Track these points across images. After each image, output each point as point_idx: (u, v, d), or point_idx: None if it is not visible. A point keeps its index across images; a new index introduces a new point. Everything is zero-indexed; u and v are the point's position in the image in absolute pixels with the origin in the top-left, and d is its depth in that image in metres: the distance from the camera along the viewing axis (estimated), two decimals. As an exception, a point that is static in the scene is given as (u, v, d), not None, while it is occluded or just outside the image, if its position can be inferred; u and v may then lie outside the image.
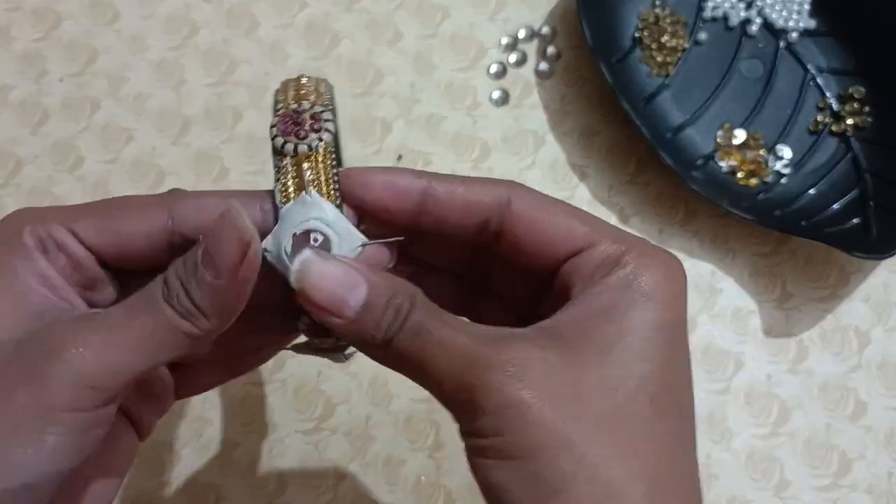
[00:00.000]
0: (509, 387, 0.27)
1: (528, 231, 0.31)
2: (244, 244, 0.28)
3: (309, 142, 0.30)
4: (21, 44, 0.60)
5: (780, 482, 0.52)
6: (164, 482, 0.52)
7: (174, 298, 0.28)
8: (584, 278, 0.30)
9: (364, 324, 0.29)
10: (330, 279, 0.29)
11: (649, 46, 0.60)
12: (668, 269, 0.30)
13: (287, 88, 0.32)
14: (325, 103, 0.31)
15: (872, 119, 0.58)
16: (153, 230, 0.31)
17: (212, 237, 0.28)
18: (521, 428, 0.27)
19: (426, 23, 0.61)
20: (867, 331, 0.55)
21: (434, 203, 0.31)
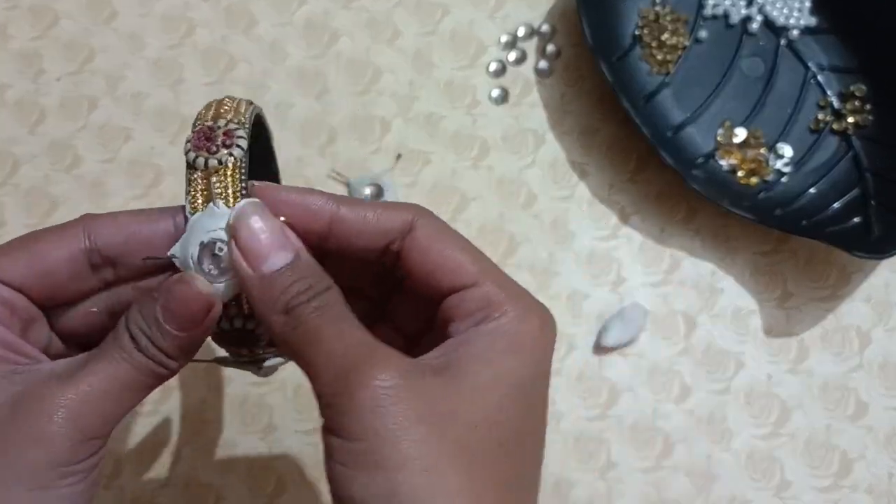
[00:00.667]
0: (385, 391, 0.28)
1: (421, 258, 0.32)
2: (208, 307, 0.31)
3: (219, 156, 0.31)
4: (18, 42, 0.60)
5: (780, 482, 0.52)
6: (164, 482, 0.52)
7: (144, 348, 0.30)
8: (462, 317, 0.31)
9: (273, 284, 0.30)
10: (260, 232, 0.30)
11: (649, 44, 0.59)
12: (543, 326, 0.32)
13: (209, 107, 0.33)
14: (240, 121, 0.32)
15: (874, 117, 0.57)
16: (73, 252, 0.32)
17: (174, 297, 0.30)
18: (388, 436, 0.28)
19: (425, 21, 0.61)
20: (868, 331, 0.55)
21: (341, 226, 0.32)
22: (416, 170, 0.58)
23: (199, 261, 0.31)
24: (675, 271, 0.56)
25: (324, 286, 0.30)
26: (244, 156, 0.32)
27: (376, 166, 0.58)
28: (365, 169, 0.57)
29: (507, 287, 0.32)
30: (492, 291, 0.31)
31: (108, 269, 0.33)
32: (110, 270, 0.33)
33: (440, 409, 0.29)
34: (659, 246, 0.56)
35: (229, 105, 0.33)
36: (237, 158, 0.31)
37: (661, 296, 0.55)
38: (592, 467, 0.52)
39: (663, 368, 0.54)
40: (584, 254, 0.56)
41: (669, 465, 0.53)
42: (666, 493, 0.52)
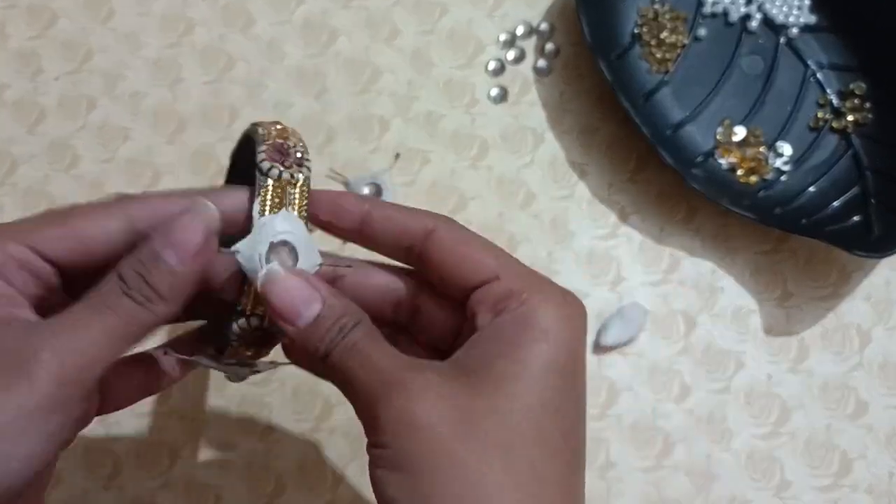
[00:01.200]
0: (407, 402, 0.30)
1: (443, 258, 0.34)
2: (208, 230, 0.32)
3: (292, 172, 0.34)
4: (16, 42, 0.60)
5: (780, 482, 0.52)
6: (163, 483, 0.52)
7: (134, 290, 0.31)
8: (487, 309, 0.33)
9: (310, 335, 0.32)
10: (291, 290, 0.32)
11: (649, 43, 0.59)
12: (568, 309, 0.33)
13: (268, 126, 0.36)
14: (305, 147, 0.36)
15: (873, 116, 0.57)
16: (112, 231, 0.33)
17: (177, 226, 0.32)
18: (410, 441, 0.30)
19: (424, 19, 0.61)
20: (868, 330, 0.55)
21: (371, 226, 0.36)
22: (415, 169, 0.58)
23: (267, 259, 0.33)
24: (675, 271, 0.56)
25: (353, 322, 0.32)
26: (309, 176, 0.35)
27: (375, 166, 0.57)
28: (364, 168, 0.57)
29: (528, 277, 0.34)
30: (514, 282, 0.33)
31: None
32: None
33: (469, 408, 0.30)
34: (658, 245, 0.56)
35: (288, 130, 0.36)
36: (306, 177, 0.35)
37: (661, 295, 0.55)
38: (592, 467, 0.52)
39: (663, 368, 0.54)
40: (583, 253, 0.56)
41: (669, 464, 0.53)
42: (666, 493, 0.52)
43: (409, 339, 0.38)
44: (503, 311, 0.32)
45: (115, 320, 0.31)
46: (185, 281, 0.32)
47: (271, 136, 0.35)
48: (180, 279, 0.32)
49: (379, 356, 0.32)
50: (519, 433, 0.30)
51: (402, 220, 0.35)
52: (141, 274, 0.31)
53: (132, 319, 0.31)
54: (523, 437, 0.31)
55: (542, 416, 0.31)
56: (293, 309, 0.32)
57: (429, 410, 0.30)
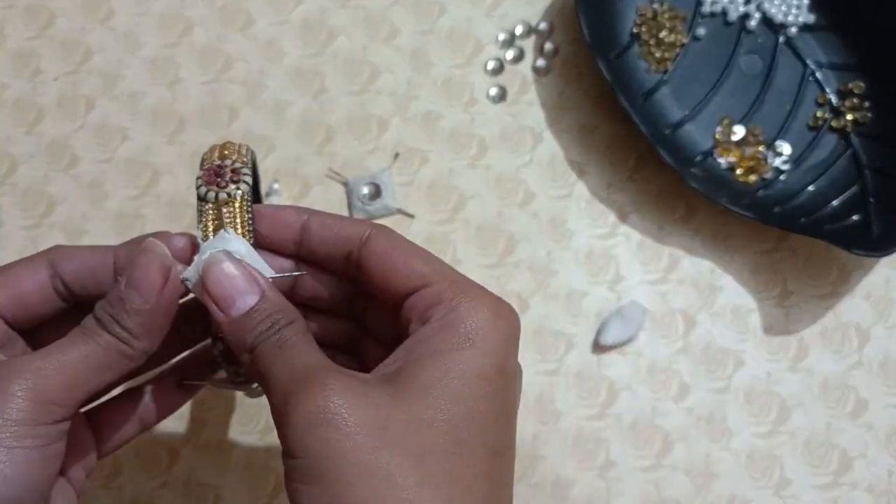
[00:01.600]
0: (321, 408, 0.29)
1: (377, 265, 0.34)
2: (166, 269, 0.33)
3: (228, 191, 0.35)
4: (14, 42, 0.60)
5: (780, 481, 0.52)
6: (163, 483, 0.52)
7: (109, 329, 0.32)
8: (418, 316, 0.33)
9: (241, 327, 0.32)
10: (229, 278, 0.33)
11: (647, 42, 0.59)
12: (498, 316, 0.32)
13: (213, 150, 0.37)
14: (244, 161, 0.37)
15: (872, 115, 0.57)
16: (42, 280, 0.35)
17: (135, 268, 0.33)
18: (322, 451, 0.29)
19: (422, 19, 0.61)
20: (868, 328, 0.55)
21: (309, 235, 0.36)
22: (414, 169, 0.57)
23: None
24: (674, 270, 0.56)
25: (286, 320, 0.32)
26: (249, 190, 0.36)
27: (374, 165, 0.57)
28: (363, 168, 0.57)
29: (459, 285, 0.33)
30: (443, 289, 0.33)
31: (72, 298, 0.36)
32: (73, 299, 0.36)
33: (388, 417, 0.29)
34: (658, 244, 0.56)
35: (232, 147, 0.37)
36: (244, 192, 0.36)
37: (660, 294, 0.55)
38: (591, 466, 0.52)
39: (662, 367, 0.54)
40: (582, 252, 0.56)
41: (669, 463, 0.53)
42: (665, 492, 0.52)
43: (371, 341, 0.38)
44: (431, 319, 0.32)
45: (93, 347, 0.32)
46: (154, 318, 0.33)
47: (212, 160, 0.37)
48: (148, 317, 0.33)
49: (304, 355, 0.32)
50: (437, 444, 0.30)
51: (339, 228, 0.36)
52: (112, 315, 0.32)
53: (110, 350, 0.32)
54: (442, 448, 0.30)
55: (463, 425, 0.30)
56: (229, 297, 0.33)
57: (346, 418, 0.29)
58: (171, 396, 0.40)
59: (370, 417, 0.29)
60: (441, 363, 0.31)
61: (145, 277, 0.32)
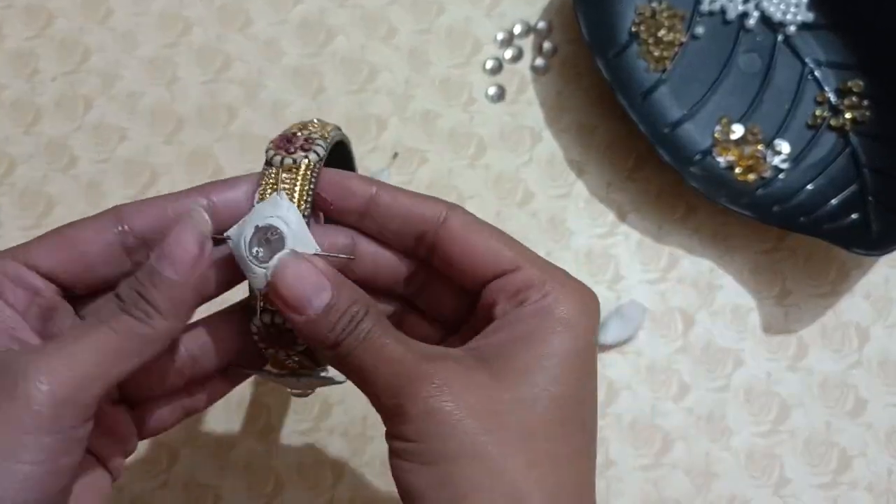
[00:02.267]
0: (433, 397, 0.30)
1: (459, 249, 0.34)
2: (203, 237, 0.31)
3: (295, 157, 0.33)
4: (13, 42, 0.60)
5: (779, 480, 0.52)
6: (163, 482, 0.52)
7: (131, 306, 0.31)
8: (507, 300, 0.33)
9: (320, 325, 0.31)
10: (301, 279, 0.31)
11: (646, 41, 0.59)
12: (585, 300, 0.33)
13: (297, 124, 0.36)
14: (322, 135, 0.35)
15: (871, 113, 0.57)
16: (107, 236, 0.33)
17: (169, 236, 0.31)
18: (438, 435, 0.30)
19: (421, 18, 0.61)
20: (867, 327, 0.55)
21: (377, 209, 0.34)
22: (413, 168, 0.57)
23: (250, 243, 0.32)
24: (674, 269, 0.56)
25: (363, 311, 0.32)
26: (319, 161, 0.34)
27: (373, 165, 0.57)
28: (362, 168, 0.57)
29: (547, 269, 0.34)
30: (533, 274, 0.33)
31: (143, 252, 0.34)
32: (144, 252, 0.34)
33: (492, 398, 0.31)
34: (657, 244, 0.56)
35: (316, 124, 0.36)
36: (311, 161, 0.33)
37: (660, 293, 0.55)
38: (591, 466, 0.52)
39: (662, 366, 0.54)
40: (581, 252, 0.56)
41: (668, 463, 0.53)
42: (665, 492, 0.52)
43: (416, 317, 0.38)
44: (524, 302, 0.32)
45: (110, 336, 0.30)
46: (184, 293, 0.31)
47: (291, 127, 0.35)
48: (179, 291, 0.31)
49: (394, 347, 0.32)
50: (542, 423, 0.31)
51: (413, 206, 0.34)
52: (138, 291, 0.31)
53: (130, 335, 0.30)
54: (546, 428, 0.31)
55: (564, 405, 0.32)
56: (301, 300, 0.31)
57: (456, 404, 0.30)
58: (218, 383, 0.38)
59: (478, 402, 0.30)
60: (538, 345, 0.32)
61: (181, 247, 0.31)
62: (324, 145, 0.34)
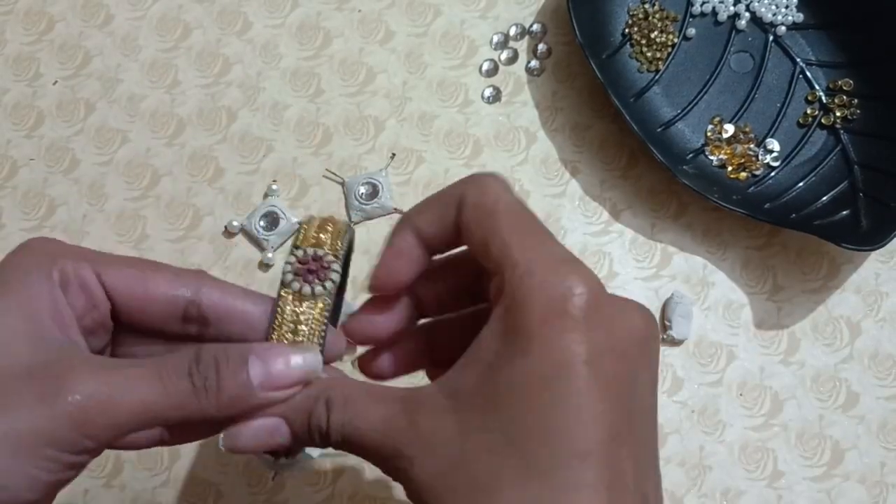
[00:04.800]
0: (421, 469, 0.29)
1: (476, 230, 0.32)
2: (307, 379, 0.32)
3: (312, 286, 0.34)
4: (14, 46, 0.60)
5: (773, 473, 0.53)
6: (164, 481, 0.52)
7: (199, 375, 0.30)
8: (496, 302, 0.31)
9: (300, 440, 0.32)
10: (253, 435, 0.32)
11: (639, 42, 0.60)
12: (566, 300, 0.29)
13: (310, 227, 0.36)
14: (336, 252, 0.35)
15: (861, 111, 0.58)
16: (178, 296, 0.33)
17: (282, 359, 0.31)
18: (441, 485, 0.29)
19: (417, 21, 0.62)
20: (858, 321, 0.56)
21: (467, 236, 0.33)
22: (410, 169, 0.58)
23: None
24: (667, 266, 0.57)
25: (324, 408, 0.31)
26: (333, 288, 0.34)
27: (371, 165, 0.58)
28: (360, 168, 0.58)
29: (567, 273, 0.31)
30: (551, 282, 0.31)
31: (195, 326, 0.34)
32: (196, 327, 0.34)
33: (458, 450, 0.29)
34: (650, 241, 0.57)
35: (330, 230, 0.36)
36: (327, 290, 0.34)
37: (653, 290, 0.56)
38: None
39: (656, 361, 0.55)
40: (576, 249, 0.57)
41: (663, 456, 0.53)
42: (660, 485, 0.53)
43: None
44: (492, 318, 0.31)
45: (160, 395, 0.30)
46: (248, 404, 0.31)
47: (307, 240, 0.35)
48: (246, 400, 0.31)
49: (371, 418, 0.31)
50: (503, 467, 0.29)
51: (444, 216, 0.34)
52: (218, 364, 0.31)
53: (177, 403, 0.30)
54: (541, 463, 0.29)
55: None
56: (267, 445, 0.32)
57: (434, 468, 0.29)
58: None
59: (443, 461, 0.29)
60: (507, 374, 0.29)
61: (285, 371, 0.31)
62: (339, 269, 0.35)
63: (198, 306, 0.33)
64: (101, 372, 0.30)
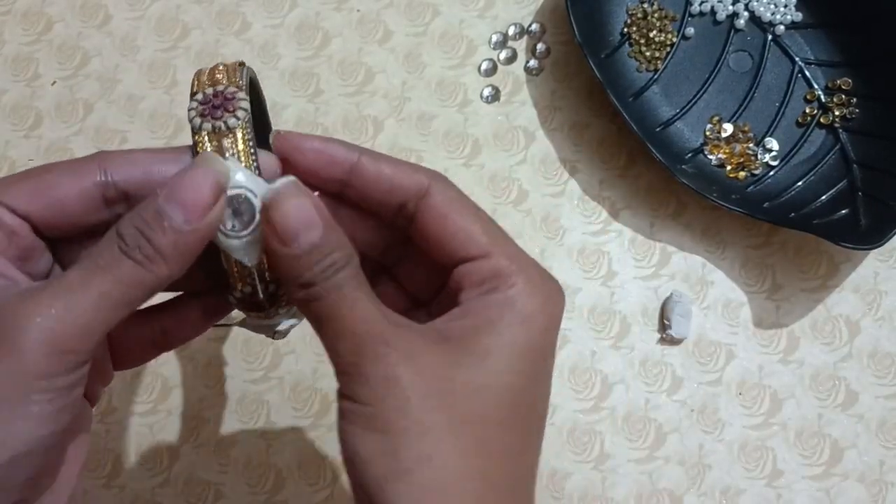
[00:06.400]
0: (395, 365, 0.30)
1: (434, 223, 0.33)
2: (220, 187, 0.30)
3: (225, 120, 0.32)
4: (12, 47, 0.60)
5: (772, 472, 0.53)
6: (163, 481, 0.52)
7: (134, 249, 0.29)
8: (472, 287, 0.32)
9: (301, 262, 0.30)
10: (297, 211, 0.30)
11: (638, 42, 0.60)
12: (549, 296, 0.33)
13: (202, 73, 0.34)
14: (238, 85, 0.33)
15: (860, 110, 0.58)
16: (86, 185, 0.32)
17: (185, 179, 0.30)
18: (393, 404, 0.30)
19: (416, 21, 0.62)
20: (857, 320, 0.56)
21: (360, 177, 0.33)
22: (409, 168, 0.58)
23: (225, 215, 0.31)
24: (666, 265, 0.57)
25: (345, 260, 0.31)
26: (247, 116, 0.32)
27: (369, 165, 0.58)
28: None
29: (517, 259, 0.33)
30: (502, 263, 0.32)
31: (122, 205, 0.33)
32: (124, 205, 0.33)
33: (448, 378, 0.30)
34: (649, 240, 0.57)
35: (223, 70, 0.34)
36: (242, 120, 0.32)
37: (652, 289, 0.56)
38: (587, 458, 0.53)
39: (655, 361, 0.55)
40: (575, 248, 0.57)
41: (662, 455, 0.53)
42: (659, 484, 0.53)
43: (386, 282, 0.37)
44: (490, 291, 0.32)
45: (112, 283, 0.29)
46: (190, 241, 0.30)
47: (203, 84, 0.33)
48: (186, 239, 0.29)
49: (365, 305, 0.31)
50: (492, 411, 0.31)
51: (397, 177, 0.33)
52: (143, 231, 0.29)
53: (131, 282, 0.29)
54: (495, 415, 0.31)
55: (515, 397, 0.32)
56: (293, 230, 0.30)
57: (415, 377, 0.30)
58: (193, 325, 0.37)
59: (435, 379, 0.30)
60: (497, 336, 0.31)
61: (196, 193, 0.29)
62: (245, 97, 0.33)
63: (113, 186, 0.32)
64: (45, 292, 0.29)
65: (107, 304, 0.29)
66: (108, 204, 0.32)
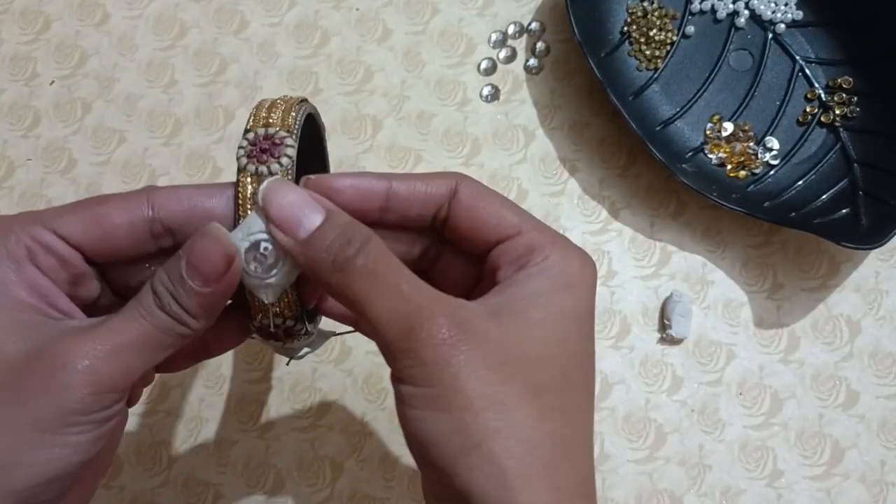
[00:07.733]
0: (449, 344, 0.30)
1: (467, 217, 0.34)
2: (229, 258, 0.32)
3: (268, 164, 0.33)
4: (10, 46, 0.60)
5: (773, 472, 0.53)
6: (163, 481, 0.52)
7: (166, 306, 0.31)
8: (509, 264, 0.34)
9: (313, 246, 0.31)
10: (290, 200, 0.32)
11: (637, 40, 0.60)
12: (585, 265, 0.34)
13: (260, 108, 0.35)
14: (289, 129, 0.34)
15: (860, 109, 0.58)
16: (134, 220, 0.34)
17: (196, 251, 0.31)
18: (453, 383, 0.30)
19: (415, 19, 0.61)
20: (858, 320, 0.56)
21: (396, 200, 0.35)
22: (409, 168, 0.58)
23: (246, 261, 0.33)
24: (666, 264, 0.57)
25: (364, 237, 0.31)
26: (291, 164, 0.34)
27: (369, 165, 0.58)
28: (357, 167, 0.58)
29: (547, 232, 0.34)
30: (535, 238, 0.34)
31: (168, 238, 0.34)
32: (169, 239, 0.34)
33: (504, 349, 0.31)
34: (649, 240, 0.57)
35: (280, 107, 0.35)
36: (284, 167, 0.33)
37: (653, 289, 0.56)
38: (587, 459, 0.53)
39: (655, 360, 0.55)
40: (575, 248, 0.57)
41: (662, 455, 0.53)
42: (660, 484, 0.53)
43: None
44: (528, 265, 0.33)
45: (150, 330, 0.31)
46: (212, 300, 0.32)
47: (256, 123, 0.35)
48: (208, 299, 0.32)
49: (403, 280, 0.31)
50: (550, 378, 0.32)
51: (426, 187, 0.35)
52: (171, 294, 0.32)
53: (168, 330, 0.32)
54: (553, 383, 0.32)
55: (568, 362, 0.33)
56: (290, 220, 0.32)
57: (472, 353, 0.30)
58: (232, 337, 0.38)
59: (491, 352, 0.31)
60: (543, 305, 0.32)
61: (209, 264, 0.31)
62: (293, 143, 0.34)
63: (159, 222, 0.34)
64: (92, 334, 0.31)
65: (148, 348, 0.32)
66: (154, 238, 0.34)
